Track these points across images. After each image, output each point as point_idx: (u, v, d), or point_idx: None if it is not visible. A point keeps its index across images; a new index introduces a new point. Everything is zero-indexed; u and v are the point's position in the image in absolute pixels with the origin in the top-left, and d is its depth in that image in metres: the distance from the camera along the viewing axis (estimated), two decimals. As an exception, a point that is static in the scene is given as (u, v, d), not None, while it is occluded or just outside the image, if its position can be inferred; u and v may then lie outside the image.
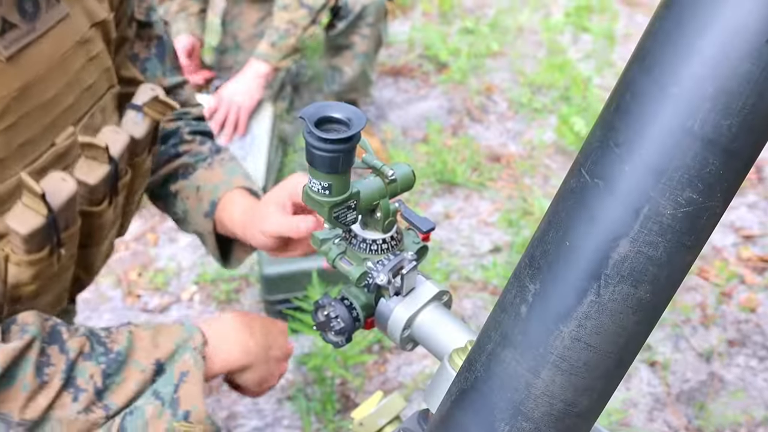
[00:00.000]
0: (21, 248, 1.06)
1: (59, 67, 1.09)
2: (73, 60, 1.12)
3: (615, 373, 0.61)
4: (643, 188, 0.54)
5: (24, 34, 1.02)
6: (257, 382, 1.29)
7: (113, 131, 1.18)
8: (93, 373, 1.07)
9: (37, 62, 1.05)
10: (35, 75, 1.05)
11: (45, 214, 1.04)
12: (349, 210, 0.83)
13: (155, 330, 1.16)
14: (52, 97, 1.09)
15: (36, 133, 1.07)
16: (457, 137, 3.29)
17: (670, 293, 0.59)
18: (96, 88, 1.19)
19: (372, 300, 0.92)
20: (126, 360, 1.10)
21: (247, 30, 2.98)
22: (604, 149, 0.56)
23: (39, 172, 1.08)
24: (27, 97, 1.04)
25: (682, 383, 2.24)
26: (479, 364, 0.64)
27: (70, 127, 1.13)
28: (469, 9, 4.36)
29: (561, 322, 0.58)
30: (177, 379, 1.12)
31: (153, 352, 1.12)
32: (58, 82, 1.10)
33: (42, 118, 1.08)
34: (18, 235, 1.04)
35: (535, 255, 0.61)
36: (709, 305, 2.50)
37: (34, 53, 1.04)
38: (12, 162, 1.04)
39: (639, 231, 0.55)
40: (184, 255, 2.73)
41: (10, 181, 1.04)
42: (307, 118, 0.74)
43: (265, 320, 1.35)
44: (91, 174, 1.13)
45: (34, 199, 1.03)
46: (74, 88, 1.13)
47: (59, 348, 1.06)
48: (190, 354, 1.14)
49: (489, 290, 2.55)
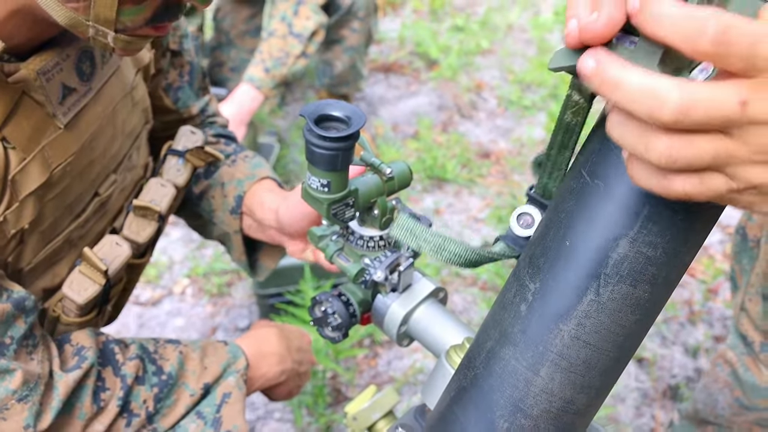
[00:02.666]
0: (74, 313, 1.07)
1: (109, 123, 1.07)
2: (121, 111, 1.10)
3: (613, 370, 0.62)
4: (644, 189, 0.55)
5: (81, 96, 0.98)
6: (286, 394, 1.33)
7: (160, 185, 1.16)
8: (146, 398, 1.07)
9: (92, 122, 1.02)
10: (89, 135, 1.02)
11: (102, 283, 1.05)
12: (347, 207, 0.84)
13: (202, 350, 1.16)
14: (101, 152, 1.07)
15: (84, 190, 1.06)
16: (447, 134, 3.30)
17: (668, 292, 0.60)
18: (135, 129, 1.17)
19: (369, 296, 0.92)
20: (177, 383, 1.10)
21: (238, 26, 2.97)
22: (604, 151, 0.57)
23: (83, 225, 1.08)
24: (80, 159, 1.01)
25: (669, 379, 2.26)
26: (478, 361, 0.65)
27: (112, 175, 1.12)
28: (460, 7, 4.36)
29: (560, 321, 0.59)
30: (219, 400, 1.13)
31: (202, 375, 1.13)
32: (107, 136, 1.07)
33: (90, 174, 1.06)
34: (74, 303, 1.05)
35: (535, 254, 0.61)
36: (696, 302, 2.52)
37: (89, 114, 1.01)
38: (61, 221, 1.03)
39: (638, 232, 0.55)
40: (176, 248, 2.73)
41: (58, 238, 1.04)
42: (308, 116, 0.75)
43: (298, 334, 1.36)
44: (142, 233, 1.14)
45: (93, 271, 1.05)
46: (118, 137, 1.11)
47: (114, 371, 1.05)
48: (233, 377, 1.15)
49: (479, 285, 2.56)
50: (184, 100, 1.32)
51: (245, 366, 1.17)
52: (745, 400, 1.57)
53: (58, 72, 0.92)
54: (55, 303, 1.08)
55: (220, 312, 2.50)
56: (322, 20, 2.65)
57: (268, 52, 2.60)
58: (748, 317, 1.53)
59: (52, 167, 0.95)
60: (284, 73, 2.60)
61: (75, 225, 1.06)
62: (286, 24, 2.61)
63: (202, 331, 2.42)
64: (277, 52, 2.59)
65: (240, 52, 2.96)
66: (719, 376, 1.62)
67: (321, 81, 3.10)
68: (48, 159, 0.94)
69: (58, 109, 0.94)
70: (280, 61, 2.59)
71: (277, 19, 2.63)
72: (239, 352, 1.18)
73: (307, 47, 2.64)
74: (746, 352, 1.55)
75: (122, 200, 1.17)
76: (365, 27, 2.98)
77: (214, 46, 3.02)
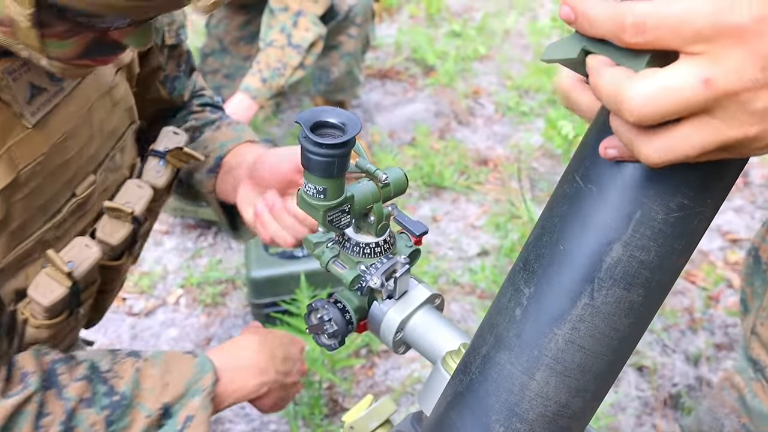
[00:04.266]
0: (41, 315, 1.05)
1: (84, 122, 1.05)
2: (98, 110, 1.08)
3: (608, 374, 0.62)
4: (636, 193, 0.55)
5: (52, 96, 0.98)
6: (271, 406, 1.26)
7: (137, 185, 1.15)
8: (95, 421, 1.02)
9: (64, 122, 1.01)
10: (61, 135, 1.01)
11: (69, 285, 1.04)
12: (343, 214, 0.84)
13: (165, 365, 1.10)
14: (76, 152, 1.05)
15: (57, 190, 1.04)
16: (444, 140, 3.30)
17: (662, 296, 0.60)
18: (117, 130, 1.15)
19: (365, 303, 0.92)
20: (131, 404, 1.05)
21: (232, 33, 2.98)
22: (596, 155, 0.57)
23: (58, 226, 1.06)
24: (52, 159, 1.00)
25: (670, 387, 2.26)
26: (474, 366, 0.65)
27: (90, 175, 1.10)
28: (456, 12, 4.38)
29: (555, 325, 0.59)
30: (181, 425, 1.08)
31: (161, 395, 1.07)
32: (83, 136, 1.06)
33: (64, 175, 1.04)
34: (40, 305, 1.03)
35: (529, 259, 0.62)
36: (697, 309, 2.52)
37: (60, 114, 1.00)
38: (32, 222, 1.01)
39: (632, 235, 0.56)
40: (169, 258, 2.72)
41: (30, 239, 1.02)
42: (303, 122, 0.75)
43: (285, 341, 1.29)
44: (115, 235, 1.12)
45: (58, 273, 1.03)
46: (97, 137, 1.09)
47: (57, 393, 1.01)
48: (198, 397, 1.09)
49: (477, 294, 2.56)
50: (179, 89, 1.33)
51: (213, 382, 1.11)
52: (752, 426, 1.53)
53: (25, 72, 0.92)
54: (24, 305, 1.06)
55: (214, 322, 2.50)
56: (321, 32, 2.66)
57: (266, 63, 2.60)
58: (759, 341, 1.49)
59: (19, 167, 0.94)
60: (281, 84, 2.61)
61: (49, 226, 1.04)
62: (286, 35, 2.62)
63: (196, 341, 2.42)
64: (275, 62, 2.60)
65: (234, 59, 2.97)
66: (726, 401, 1.59)
67: (317, 87, 3.10)
68: (15, 159, 0.93)
69: (25, 109, 0.94)
70: (277, 71, 2.59)
71: (276, 29, 2.63)
72: (207, 366, 1.12)
73: (305, 59, 2.65)
74: (755, 378, 1.51)
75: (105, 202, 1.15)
76: (362, 33, 2.98)
77: (208, 53, 3.02)
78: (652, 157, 0.48)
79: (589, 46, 0.50)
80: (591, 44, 0.50)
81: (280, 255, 2.30)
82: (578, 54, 0.50)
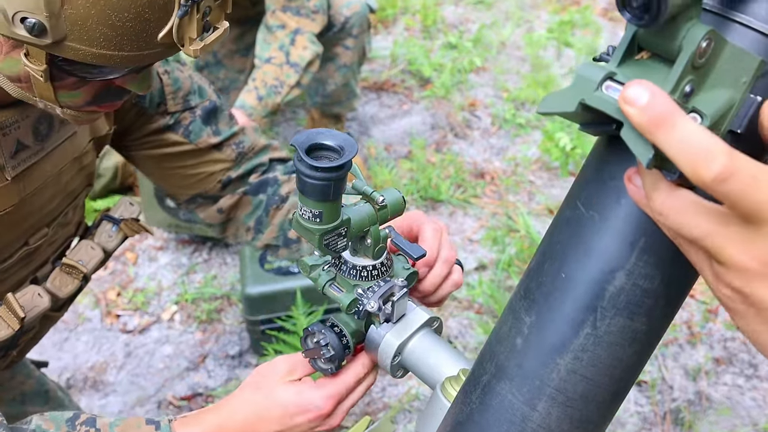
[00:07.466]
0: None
1: (54, 181, 1.11)
2: (67, 172, 1.14)
3: (611, 404, 0.61)
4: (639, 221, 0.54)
5: (33, 153, 1.04)
6: None
7: (90, 247, 1.23)
8: None
9: (38, 178, 1.07)
10: (33, 190, 1.07)
11: (16, 328, 1.08)
12: (339, 237, 0.82)
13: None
14: (39, 206, 1.11)
15: (14, 239, 1.10)
16: (440, 153, 3.29)
17: (665, 324, 0.59)
18: (76, 190, 1.21)
19: (362, 327, 0.91)
20: None
21: (227, 46, 2.97)
22: (598, 182, 0.56)
23: (5, 270, 1.11)
24: (18, 210, 1.06)
25: (669, 402, 2.24)
26: (474, 395, 0.63)
27: (44, 228, 1.16)
28: (452, 24, 4.37)
29: (557, 355, 0.57)
30: None
31: None
32: (49, 193, 1.12)
33: (23, 225, 1.10)
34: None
35: (530, 287, 0.60)
36: (696, 323, 2.51)
37: (36, 170, 1.06)
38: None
39: (635, 264, 0.54)
40: (164, 274, 2.70)
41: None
42: (298, 146, 0.74)
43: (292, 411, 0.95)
44: (64, 288, 1.19)
45: (10, 316, 1.07)
46: (58, 196, 1.15)
47: None
48: None
49: (475, 309, 2.55)
50: (196, 132, 1.30)
51: None
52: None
53: (15, 129, 1.00)
54: None
55: (209, 339, 2.48)
56: (318, 50, 2.65)
57: (262, 80, 2.58)
58: None
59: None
60: (277, 102, 2.60)
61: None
62: (284, 53, 2.60)
63: (191, 358, 2.40)
64: (272, 80, 2.58)
65: (229, 72, 2.96)
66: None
67: (313, 100, 3.09)
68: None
69: (8, 162, 1.00)
70: (274, 89, 2.58)
71: (275, 47, 2.62)
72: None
73: (302, 77, 2.63)
74: None
75: (50, 253, 1.23)
76: (359, 44, 2.97)
77: (202, 66, 3.01)
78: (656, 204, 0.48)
79: (587, 99, 0.48)
80: (588, 97, 0.48)
81: (275, 271, 2.28)
82: (576, 107, 0.49)
